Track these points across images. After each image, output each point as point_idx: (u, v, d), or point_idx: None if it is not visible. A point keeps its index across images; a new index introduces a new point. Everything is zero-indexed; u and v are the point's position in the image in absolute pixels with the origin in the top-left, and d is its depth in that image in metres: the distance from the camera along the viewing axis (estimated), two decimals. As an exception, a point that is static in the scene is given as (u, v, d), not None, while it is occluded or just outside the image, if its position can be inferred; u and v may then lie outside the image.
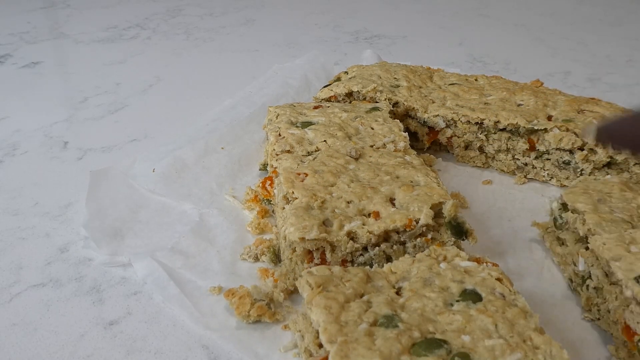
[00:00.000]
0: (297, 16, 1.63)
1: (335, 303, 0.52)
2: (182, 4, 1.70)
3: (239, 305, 0.60)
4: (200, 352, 0.59)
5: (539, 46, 1.43)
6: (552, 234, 0.73)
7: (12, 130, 1.00)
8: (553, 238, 0.73)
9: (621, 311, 0.56)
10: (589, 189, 0.70)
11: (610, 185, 0.71)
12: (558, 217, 0.71)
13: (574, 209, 0.68)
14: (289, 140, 0.79)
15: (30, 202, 0.81)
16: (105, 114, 1.06)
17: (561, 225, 0.70)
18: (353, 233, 0.63)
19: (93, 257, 0.71)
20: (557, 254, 0.71)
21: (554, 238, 0.73)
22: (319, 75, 1.15)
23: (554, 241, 0.72)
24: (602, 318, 0.61)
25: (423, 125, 0.91)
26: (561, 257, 0.70)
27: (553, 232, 0.73)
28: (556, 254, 0.72)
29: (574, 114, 0.86)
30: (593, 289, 0.63)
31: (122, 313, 0.63)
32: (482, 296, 0.53)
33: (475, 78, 1.00)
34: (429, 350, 0.47)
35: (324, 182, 0.70)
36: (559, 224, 0.71)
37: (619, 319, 0.57)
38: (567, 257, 0.69)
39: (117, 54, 1.34)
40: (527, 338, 0.49)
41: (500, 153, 0.89)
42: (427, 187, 0.68)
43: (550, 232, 0.73)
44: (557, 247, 0.71)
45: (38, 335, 0.60)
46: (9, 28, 1.48)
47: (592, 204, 0.67)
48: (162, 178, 0.83)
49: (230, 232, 0.74)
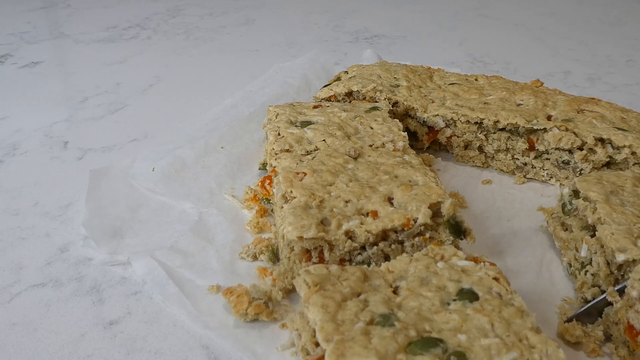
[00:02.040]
0: (297, 16, 1.63)
1: (332, 302, 0.52)
2: (182, 4, 1.71)
3: (236, 304, 0.61)
4: (200, 352, 0.59)
5: (539, 46, 1.43)
6: (557, 219, 0.75)
7: (12, 130, 1.00)
8: (557, 223, 0.74)
9: (624, 311, 0.56)
10: (602, 179, 0.72)
11: (623, 179, 0.72)
12: (567, 203, 0.73)
13: (586, 197, 0.69)
14: (288, 140, 0.79)
15: (30, 202, 0.81)
16: (105, 114, 1.07)
17: (569, 211, 0.72)
18: (351, 232, 0.63)
19: (93, 257, 0.71)
20: (560, 238, 0.73)
21: (559, 223, 0.74)
22: (319, 75, 1.16)
23: (558, 226, 0.74)
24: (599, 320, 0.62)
25: (423, 125, 0.92)
26: (563, 241, 0.72)
27: (558, 218, 0.74)
28: (558, 238, 0.73)
29: (573, 114, 0.86)
30: (590, 275, 0.64)
31: (122, 313, 0.63)
32: (479, 295, 0.53)
33: (475, 78, 1.00)
34: (425, 349, 0.47)
35: (322, 181, 0.70)
36: (568, 210, 0.72)
37: (621, 318, 0.57)
38: (569, 243, 0.71)
39: (117, 54, 1.34)
40: (523, 337, 0.49)
41: (499, 153, 0.89)
42: (425, 187, 0.69)
43: (555, 218, 0.75)
44: (560, 232, 0.73)
45: (38, 335, 0.60)
46: (9, 28, 1.48)
47: (605, 194, 0.68)
48: (161, 177, 0.83)
49: (230, 231, 0.75)
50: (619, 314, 0.57)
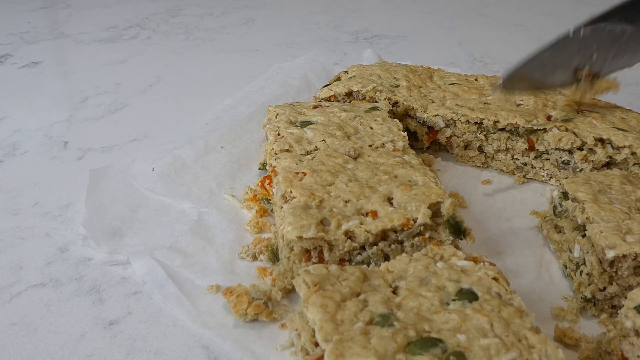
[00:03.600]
0: (297, 16, 1.63)
1: (332, 302, 0.52)
2: (182, 4, 1.71)
3: (236, 304, 0.61)
4: (200, 352, 0.59)
5: (539, 46, 1.43)
6: (550, 222, 0.75)
7: (12, 130, 1.00)
8: (551, 226, 0.75)
9: (617, 342, 0.55)
10: (590, 179, 0.72)
11: (611, 178, 0.73)
12: (558, 205, 0.73)
13: (575, 197, 0.69)
14: (288, 140, 0.79)
15: (30, 202, 0.81)
16: (105, 114, 1.07)
17: (560, 213, 0.72)
18: (351, 232, 0.63)
19: (93, 257, 0.71)
20: (554, 241, 0.73)
21: (552, 226, 0.75)
22: (319, 75, 1.16)
23: (552, 229, 0.75)
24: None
25: (422, 125, 0.92)
26: (557, 244, 0.73)
27: (551, 221, 0.75)
28: (553, 241, 0.74)
29: (573, 114, 0.86)
30: (586, 275, 0.64)
31: (122, 313, 0.63)
32: (478, 295, 0.53)
33: (475, 78, 1.00)
34: (424, 349, 0.47)
35: (322, 181, 0.70)
36: (558, 212, 0.73)
37: (614, 349, 0.56)
38: (563, 244, 0.71)
39: (117, 54, 1.34)
40: (522, 337, 0.49)
41: (499, 153, 0.89)
42: (425, 187, 0.69)
43: (548, 221, 0.75)
44: (554, 234, 0.74)
45: (38, 335, 0.60)
46: (9, 28, 1.48)
47: (593, 194, 0.69)
48: (161, 177, 0.83)
49: (229, 231, 0.75)
50: (612, 343, 0.56)
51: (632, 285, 0.62)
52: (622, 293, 0.62)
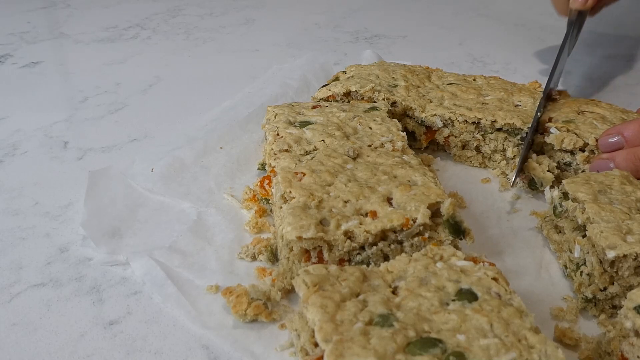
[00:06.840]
0: (297, 16, 1.63)
1: (331, 302, 0.52)
2: (182, 4, 1.71)
3: (235, 304, 0.61)
4: (200, 352, 0.59)
5: (539, 46, 1.43)
6: (550, 222, 0.75)
7: (12, 130, 1.00)
8: (551, 226, 0.75)
9: (617, 342, 0.55)
10: (590, 179, 0.72)
11: (611, 178, 0.72)
12: (558, 205, 0.73)
13: (575, 198, 0.69)
14: (287, 140, 0.79)
15: (30, 202, 0.81)
16: (105, 114, 1.07)
17: (560, 214, 0.72)
18: (350, 232, 0.63)
19: (92, 257, 0.71)
20: (554, 241, 0.73)
21: (552, 226, 0.75)
22: (318, 76, 1.16)
23: (552, 229, 0.74)
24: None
25: (420, 125, 0.92)
26: (557, 244, 0.73)
27: (551, 221, 0.75)
28: (553, 241, 0.74)
29: (574, 115, 0.86)
30: (586, 275, 0.64)
31: (122, 313, 0.63)
32: (478, 296, 0.53)
33: (474, 78, 1.00)
34: (424, 349, 0.47)
35: (321, 181, 0.70)
36: (558, 212, 0.73)
37: (614, 349, 0.56)
38: (563, 245, 0.71)
39: (117, 54, 1.34)
40: (522, 337, 0.49)
41: (496, 153, 0.89)
42: (424, 187, 0.69)
43: (548, 221, 0.75)
44: (554, 234, 0.74)
45: (38, 335, 0.60)
46: (9, 28, 1.48)
47: (593, 194, 0.69)
48: (160, 177, 0.83)
49: (228, 231, 0.75)
50: (612, 344, 0.56)
51: (633, 285, 0.62)
52: (623, 293, 0.62)
